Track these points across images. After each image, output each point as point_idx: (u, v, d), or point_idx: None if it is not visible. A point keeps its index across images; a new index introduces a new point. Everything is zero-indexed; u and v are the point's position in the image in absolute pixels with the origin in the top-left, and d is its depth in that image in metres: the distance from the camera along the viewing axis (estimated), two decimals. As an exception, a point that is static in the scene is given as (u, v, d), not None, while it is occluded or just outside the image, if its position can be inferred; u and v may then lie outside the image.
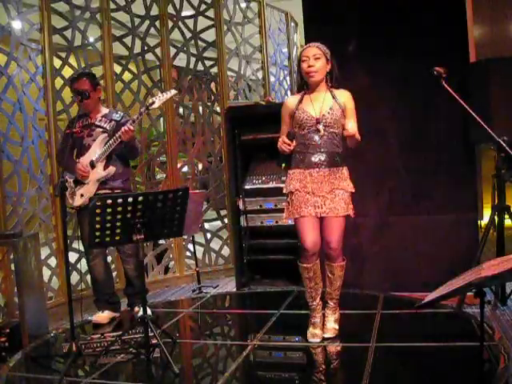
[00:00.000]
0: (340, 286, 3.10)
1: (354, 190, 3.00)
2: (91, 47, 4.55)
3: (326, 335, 3.06)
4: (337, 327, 3.11)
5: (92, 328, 3.61)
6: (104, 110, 3.75)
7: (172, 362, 2.78)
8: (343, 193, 2.95)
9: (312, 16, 4.19)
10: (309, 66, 2.89)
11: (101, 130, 3.62)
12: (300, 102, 2.98)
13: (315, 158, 2.94)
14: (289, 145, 2.86)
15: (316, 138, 2.92)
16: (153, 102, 3.46)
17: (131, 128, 3.42)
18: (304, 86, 3.01)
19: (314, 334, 3.04)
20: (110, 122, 3.65)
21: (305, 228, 2.95)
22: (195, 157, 5.24)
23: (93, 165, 3.55)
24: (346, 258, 3.09)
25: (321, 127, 2.90)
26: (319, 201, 2.93)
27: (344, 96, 2.97)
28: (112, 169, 3.59)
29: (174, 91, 3.58)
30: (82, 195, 3.58)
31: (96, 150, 3.56)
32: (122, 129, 3.43)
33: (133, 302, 3.82)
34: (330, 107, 2.92)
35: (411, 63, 3.79)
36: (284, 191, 3.07)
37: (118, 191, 3.57)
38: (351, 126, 2.82)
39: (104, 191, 3.56)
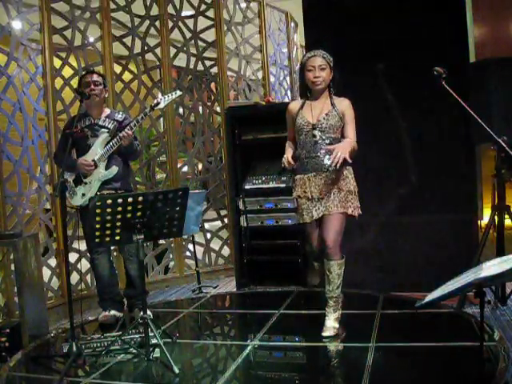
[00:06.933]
0: (340, 285, 3.11)
1: (352, 189, 3.08)
2: (91, 47, 4.54)
3: (324, 334, 3.08)
4: (337, 326, 3.13)
5: (98, 328, 3.60)
6: (107, 111, 3.74)
7: (172, 362, 2.78)
8: (339, 191, 3.05)
9: (312, 16, 4.19)
10: (315, 77, 3.02)
11: (106, 130, 3.61)
12: (301, 107, 3.12)
13: (314, 163, 3.06)
14: (290, 163, 3.04)
15: (313, 143, 3.04)
16: (158, 103, 3.45)
17: (129, 133, 3.43)
18: (307, 92, 3.14)
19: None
20: (112, 122, 3.65)
21: (309, 231, 3.20)
22: (195, 157, 5.25)
23: (95, 164, 3.54)
24: (346, 258, 3.10)
25: (316, 133, 3.03)
26: (318, 204, 3.09)
27: (343, 104, 3.08)
28: (115, 168, 3.57)
29: (179, 92, 3.57)
30: (83, 194, 3.57)
31: (97, 150, 3.55)
32: (122, 133, 3.43)
33: (133, 304, 3.78)
34: (327, 113, 3.05)
35: (411, 63, 3.78)
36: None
37: (121, 192, 3.55)
38: (331, 158, 2.85)
39: (107, 192, 3.54)
